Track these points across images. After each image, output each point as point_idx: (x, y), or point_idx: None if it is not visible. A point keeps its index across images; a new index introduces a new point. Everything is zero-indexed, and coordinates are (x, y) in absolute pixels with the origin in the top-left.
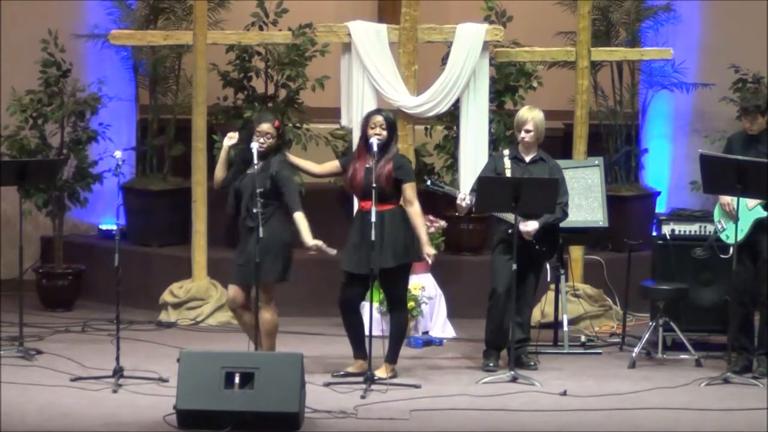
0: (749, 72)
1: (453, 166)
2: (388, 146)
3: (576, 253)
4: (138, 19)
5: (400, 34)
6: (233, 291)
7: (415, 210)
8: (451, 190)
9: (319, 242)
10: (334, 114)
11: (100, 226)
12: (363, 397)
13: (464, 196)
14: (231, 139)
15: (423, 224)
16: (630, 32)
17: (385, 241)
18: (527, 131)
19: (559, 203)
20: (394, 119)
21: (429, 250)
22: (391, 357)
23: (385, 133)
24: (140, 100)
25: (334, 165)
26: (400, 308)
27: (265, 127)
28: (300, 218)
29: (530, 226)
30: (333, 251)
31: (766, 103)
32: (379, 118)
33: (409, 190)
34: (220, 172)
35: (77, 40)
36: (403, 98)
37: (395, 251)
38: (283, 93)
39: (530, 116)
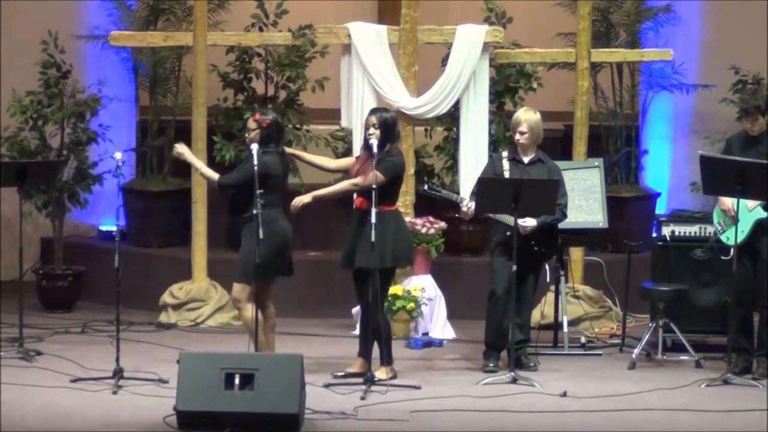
0: (749, 73)
1: (453, 168)
2: (384, 144)
3: (576, 254)
4: (138, 20)
5: (400, 36)
6: (235, 289)
7: (351, 179)
8: (449, 195)
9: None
10: (334, 115)
11: (100, 227)
12: (363, 398)
13: (470, 204)
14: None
15: (337, 188)
16: (630, 33)
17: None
18: (521, 133)
19: (558, 204)
20: (388, 117)
21: (303, 198)
22: (385, 359)
23: (377, 132)
24: (140, 101)
25: (349, 161)
26: (376, 309)
27: (248, 122)
28: (213, 174)
29: (528, 222)
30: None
31: (766, 104)
32: (372, 118)
33: (371, 173)
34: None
35: (77, 41)
36: (403, 99)
37: (382, 254)
38: (283, 94)
39: (524, 118)
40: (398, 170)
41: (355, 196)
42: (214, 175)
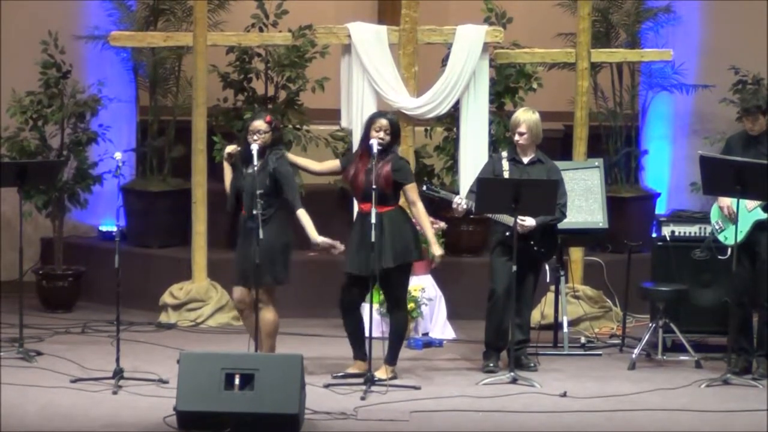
0: (749, 73)
1: (453, 168)
2: (389, 150)
3: (576, 254)
4: (138, 20)
5: (400, 36)
6: (238, 292)
7: (419, 210)
8: (448, 195)
9: (326, 240)
10: (334, 115)
11: (100, 228)
12: (363, 398)
13: (460, 200)
14: (231, 155)
15: (429, 224)
16: (630, 34)
17: (385, 241)
18: (520, 134)
19: (557, 204)
20: (398, 123)
21: (436, 251)
22: (391, 358)
23: (388, 138)
24: (140, 101)
25: (334, 164)
26: (399, 308)
27: (257, 124)
28: (303, 215)
29: (527, 221)
30: (341, 248)
31: (767, 103)
32: (384, 122)
33: (411, 191)
34: (229, 188)
35: (77, 41)
36: (403, 100)
37: (396, 251)
38: (283, 94)
39: (523, 119)
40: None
41: (356, 203)
42: (302, 213)
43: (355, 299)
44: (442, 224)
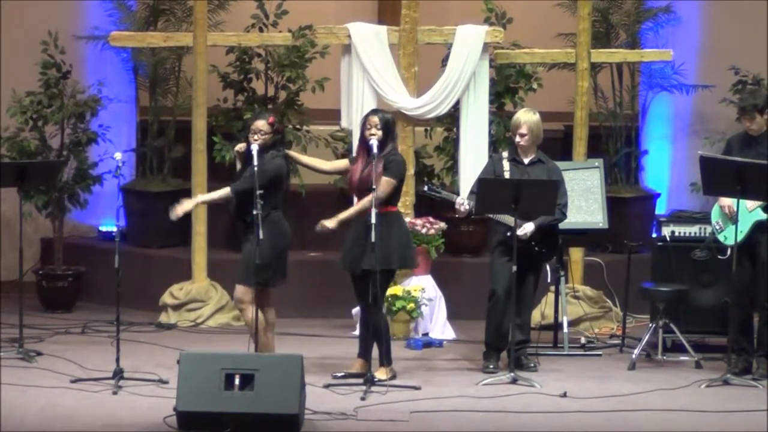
0: (749, 73)
1: (453, 168)
2: (385, 145)
3: (576, 254)
4: (138, 20)
5: (400, 36)
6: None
7: (368, 197)
8: (449, 195)
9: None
10: (334, 115)
11: (100, 228)
12: (363, 398)
13: (462, 201)
14: (239, 152)
15: (359, 207)
16: (630, 34)
17: (369, 243)
18: (521, 135)
19: (557, 204)
20: (389, 118)
21: (327, 223)
22: (385, 359)
23: (380, 132)
24: (140, 101)
25: (343, 163)
26: (376, 311)
27: (259, 124)
28: (223, 190)
29: (526, 229)
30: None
31: (765, 103)
32: (374, 119)
33: (382, 182)
34: None
35: (77, 41)
36: (403, 100)
37: (388, 255)
38: (283, 94)
39: (524, 120)
40: (403, 171)
41: (355, 199)
42: (224, 191)
43: (361, 296)
44: (442, 224)
